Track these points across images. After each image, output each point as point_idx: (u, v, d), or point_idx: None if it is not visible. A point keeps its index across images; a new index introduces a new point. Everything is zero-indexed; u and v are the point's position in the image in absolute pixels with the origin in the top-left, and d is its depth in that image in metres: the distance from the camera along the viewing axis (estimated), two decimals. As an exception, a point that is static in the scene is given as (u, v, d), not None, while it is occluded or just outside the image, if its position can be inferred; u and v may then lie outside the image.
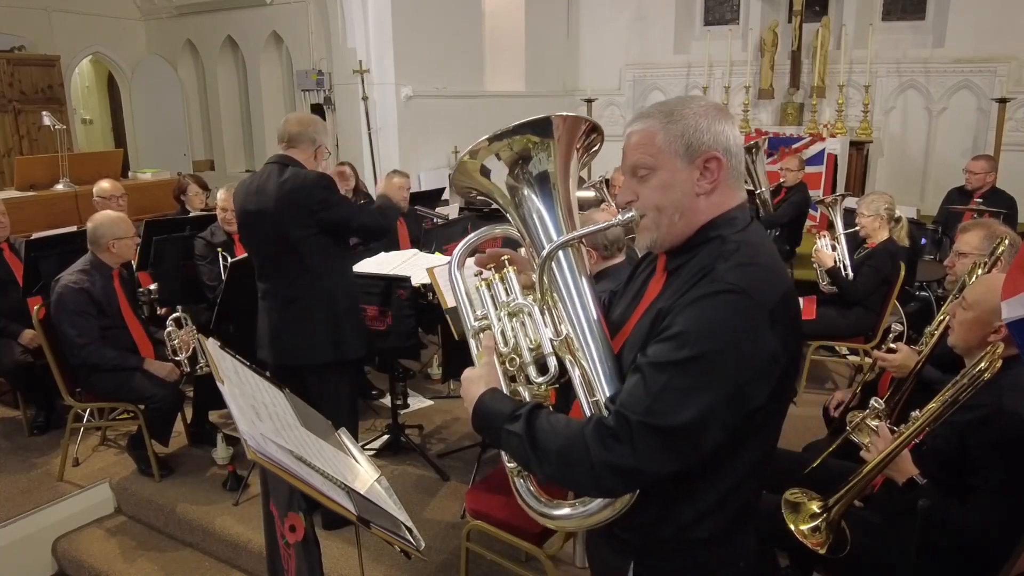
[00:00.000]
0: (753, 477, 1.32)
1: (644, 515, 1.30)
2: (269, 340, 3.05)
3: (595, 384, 1.28)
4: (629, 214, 1.31)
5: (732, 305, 1.15)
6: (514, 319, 1.38)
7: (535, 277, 1.35)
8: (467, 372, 1.39)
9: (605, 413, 1.23)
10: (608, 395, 1.26)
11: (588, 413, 1.27)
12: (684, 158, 1.25)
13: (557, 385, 1.35)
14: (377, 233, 3.25)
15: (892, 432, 2.02)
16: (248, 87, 9.57)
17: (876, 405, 2.21)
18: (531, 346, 1.34)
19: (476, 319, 1.44)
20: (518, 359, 1.35)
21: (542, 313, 1.35)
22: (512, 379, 1.37)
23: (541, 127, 1.33)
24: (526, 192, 1.37)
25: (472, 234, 1.52)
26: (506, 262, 1.45)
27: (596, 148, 1.44)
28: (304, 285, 2.96)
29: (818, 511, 2.00)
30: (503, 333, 1.38)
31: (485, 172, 1.40)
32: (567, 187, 1.38)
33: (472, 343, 1.44)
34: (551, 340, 1.33)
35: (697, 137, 1.24)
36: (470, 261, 1.52)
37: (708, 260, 1.23)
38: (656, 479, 1.20)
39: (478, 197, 1.46)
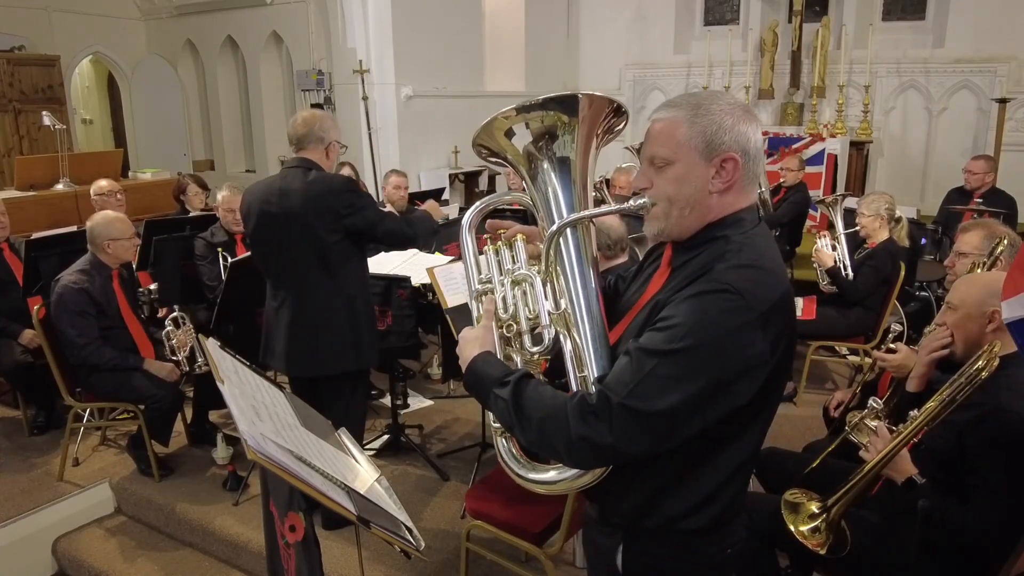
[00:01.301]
0: (741, 473, 1.36)
1: (632, 504, 1.36)
2: (285, 350, 2.94)
3: (585, 360, 1.32)
4: (641, 200, 1.33)
5: (725, 304, 1.18)
6: (516, 287, 1.41)
7: (542, 249, 1.38)
8: (465, 332, 1.42)
9: (591, 390, 1.27)
10: (596, 374, 1.31)
11: (575, 387, 1.31)
12: (702, 155, 1.26)
13: (549, 356, 1.39)
14: (402, 242, 3.07)
15: (891, 432, 2.03)
16: (248, 87, 9.57)
17: (875, 405, 2.21)
18: (529, 315, 1.38)
19: (480, 282, 1.47)
20: (515, 326, 1.39)
21: (544, 285, 1.38)
22: (507, 343, 1.41)
23: (567, 104, 1.34)
24: (545, 165, 1.39)
25: (486, 197, 1.54)
26: (517, 233, 1.48)
27: (620, 128, 1.45)
28: (328, 292, 2.87)
29: (817, 511, 2.00)
30: (504, 299, 1.42)
31: (509, 135, 1.42)
32: (585, 165, 1.40)
33: (473, 305, 1.46)
34: (549, 312, 1.36)
35: (719, 136, 1.25)
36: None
37: (710, 259, 1.26)
38: (630, 459, 1.24)
39: (489, 158, 1.47)
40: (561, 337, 1.35)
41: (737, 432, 1.29)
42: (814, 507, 2.01)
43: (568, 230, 1.36)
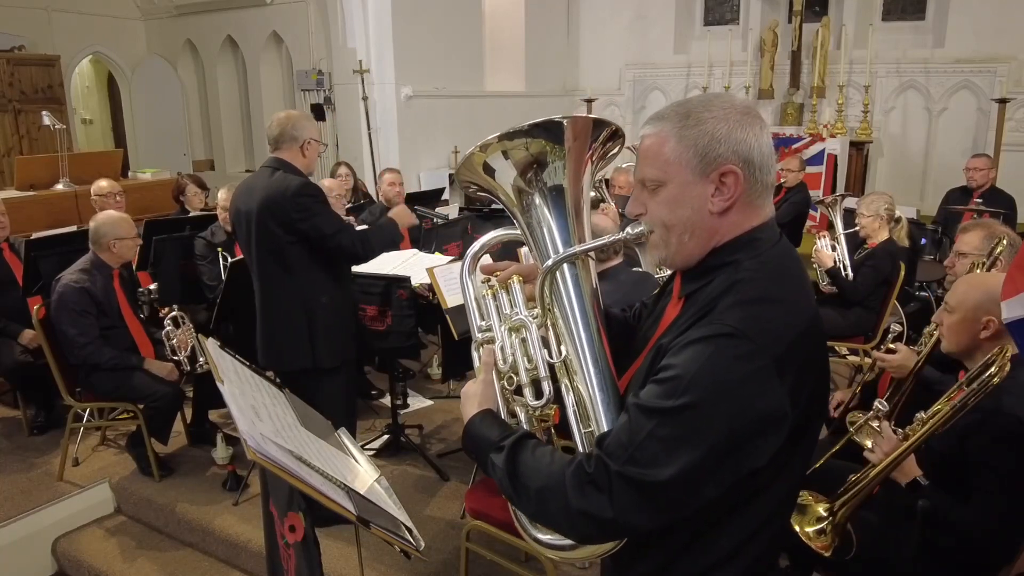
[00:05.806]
0: (770, 526, 1.17)
1: (647, 568, 1.21)
2: (259, 342, 3.05)
3: (591, 413, 1.19)
4: (638, 228, 1.19)
5: (730, 350, 1.02)
6: (514, 335, 1.28)
7: (536, 290, 1.26)
8: (466, 387, 1.31)
9: (594, 451, 1.12)
10: (605, 428, 1.17)
11: (580, 446, 1.19)
12: (696, 171, 1.11)
13: (552, 410, 1.27)
14: (351, 259, 3.04)
15: (896, 434, 2.02)
16: (248, 87, 9.57)
17: (879, 407, 2.21)
18: (528, 366, 1.25)
19: (480, 330, 1.35)
20: (516, 378, 1.26)
21: (542, 330, 1.25)
22: (510, 398, 1.29)
23: (553, 129, 1.23)
24: (536, 199, 1.28)
25: (481, 239, 1.44)
26: (513, 274, 1.36)
27: (614, 153, 1.33)
28: (286, 290, 2.94)
29: (824, 514, 2.00)
30: (503, 349, 1.29)
31: (489, 171, 1.31)
32: (577, 194, 1.28)
33: (474, 355, 1.35)
34: (547, 361, 1.23)
35: (712, 147, 1.10)
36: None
37: (718, 291, 1.11)
38: (639, 533, 1.10)
39: (479, 193, 1.38)
40: (563, 388, 1.21)
41: (762, 486, 1.11)
42: (821, 510, 2.01)
43: (565, 266, 1.23)
